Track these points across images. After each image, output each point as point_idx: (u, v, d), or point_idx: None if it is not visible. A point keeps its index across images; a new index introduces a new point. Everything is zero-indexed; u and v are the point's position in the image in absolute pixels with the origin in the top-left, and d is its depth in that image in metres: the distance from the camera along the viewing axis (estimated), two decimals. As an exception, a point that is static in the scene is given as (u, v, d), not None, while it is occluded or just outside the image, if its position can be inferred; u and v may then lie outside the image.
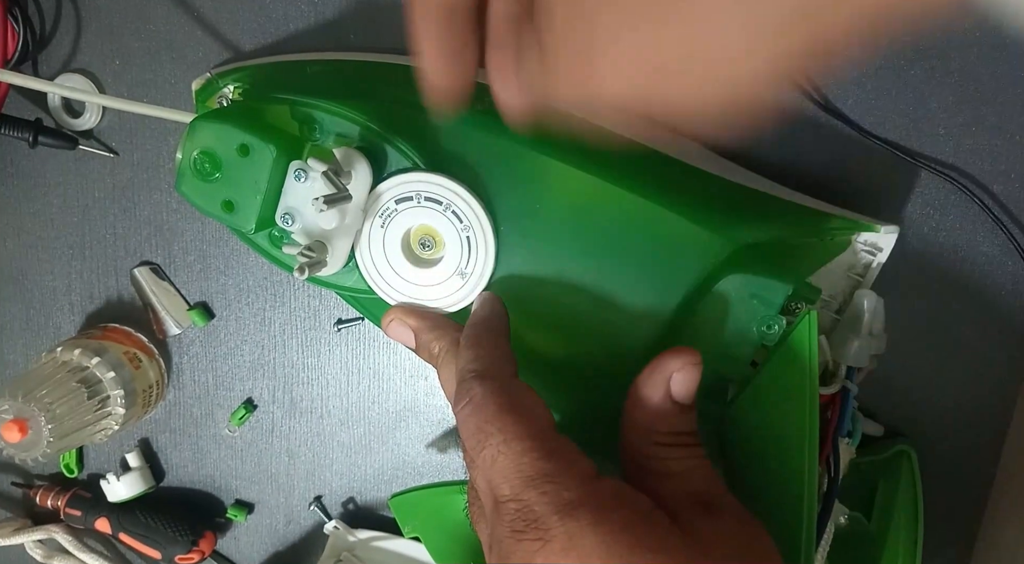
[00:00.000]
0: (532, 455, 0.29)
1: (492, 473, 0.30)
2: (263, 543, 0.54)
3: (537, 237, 0.37)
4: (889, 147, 0.43)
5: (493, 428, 0.30)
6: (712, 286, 0.35)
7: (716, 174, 0.39)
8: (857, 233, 0.39)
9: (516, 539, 0.28)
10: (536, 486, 0.29)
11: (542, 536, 0.28)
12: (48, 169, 0.50)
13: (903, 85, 0.42)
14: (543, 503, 0.28)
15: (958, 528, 0.47)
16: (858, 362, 0.37)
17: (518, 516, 0.28)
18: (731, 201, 0.39)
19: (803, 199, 0.40)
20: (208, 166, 0.37)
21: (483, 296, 0.38)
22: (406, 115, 0.38)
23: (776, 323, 0.34)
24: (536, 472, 0.29)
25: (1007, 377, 0.45)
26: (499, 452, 0.29)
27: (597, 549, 0.27)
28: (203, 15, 0.47)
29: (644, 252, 0.36)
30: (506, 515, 0.29)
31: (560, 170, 0.36)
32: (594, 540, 0.27)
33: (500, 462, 0.29)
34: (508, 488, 0.29)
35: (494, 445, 0.30)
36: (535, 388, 0.33)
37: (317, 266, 0.37)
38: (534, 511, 0.28)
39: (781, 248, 0.37)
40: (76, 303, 0.52)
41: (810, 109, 0.43)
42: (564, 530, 0.28)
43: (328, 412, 0.52)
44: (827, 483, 0.35)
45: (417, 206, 0.37)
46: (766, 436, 0.34)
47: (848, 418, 0.37)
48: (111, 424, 0.50)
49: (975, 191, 0.43)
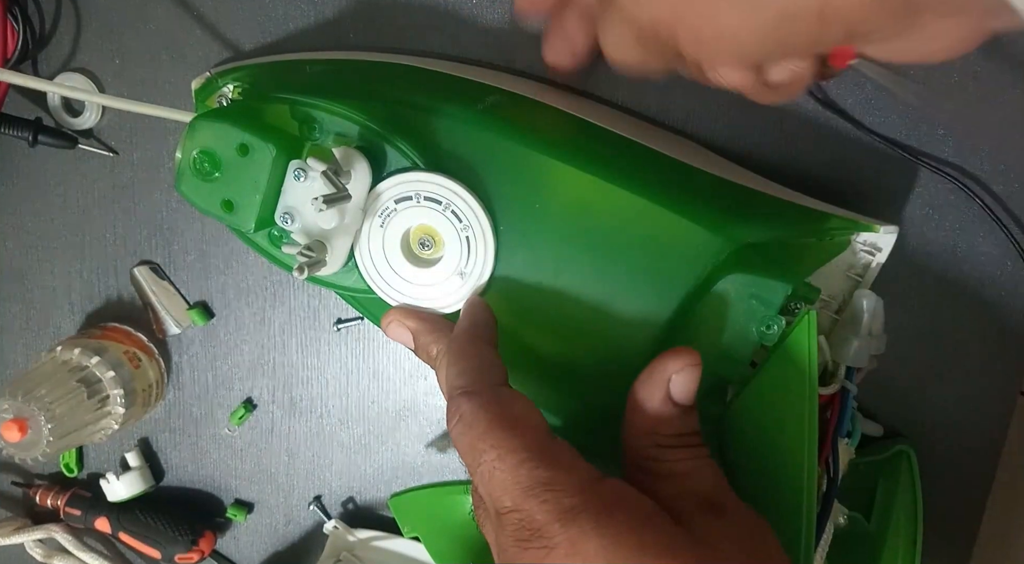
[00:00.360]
0: (528, 466, 0.29)
1: (491, 487, 0.30)
2: (263, 543, 0.55)
3: (537, 237, 0.37)
4: (890, 144, 0.42)
5: (486, 445, 0.30)
6: (711, 286, 0.35)
7: (715, 174, 0.39)
8: (856, 233, 0.39)
9: (521, 548, 0.28)
10: (536, 495, 0.29)
11: (546, 544, 0.28)
12: (48, 168, 0.50)
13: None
14: (544, 511, 0.28)
15: (957, 528, 0.47)
16: (857, 362, 0.37)
17: (521, 526, 0.29)
18: (730, 201, 0.39)
19: (802, 199, 0.40)
20: (208, 165, 0.37)
21: (467, 303, 0.38)
22: (405, 115, 0.38)
23: (775, 323, 0.34)
24: (534, 481, 0.29)
25: (1006, 377, 0.45)
26: (495, 467, 0.29)
27: (601, 553, 0.27)
28: (203, 15, 0.47)
29: (643, 252, 0.36)
30: (509, 525, 0.29)
31: (560, 170, 0.36)
32: (598, 544, 0.27)
33: (497, 476, 0.29)
34: (509, 500, 0.29)
35: (489, 461, 0.30)
36: (534, 389, 0.33)
37: (316, 266, 0.37)
38: (536, 520, 0.28)
39: (780, 248, 0.37)
40: (76, 302, 0.52)
41: (810, 108, 0.43)
42: (567, 537, 0.28)
43: (328, 412, 0.52)
44: (826, 483, 0.35)
45: (416, 206, 0.37)
46: (765, 436, 0.34)
47: (847, 418, 0.37)
48: (111, 423, 0.50)
49: (975, 190, 0.43)
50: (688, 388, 0.32)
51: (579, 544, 0.27)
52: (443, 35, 0.45)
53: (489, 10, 0.44)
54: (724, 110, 0.44)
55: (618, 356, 0.37)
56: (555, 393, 0.39)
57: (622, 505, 0.29)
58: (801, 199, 0.40)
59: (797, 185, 0.42)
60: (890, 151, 0.43)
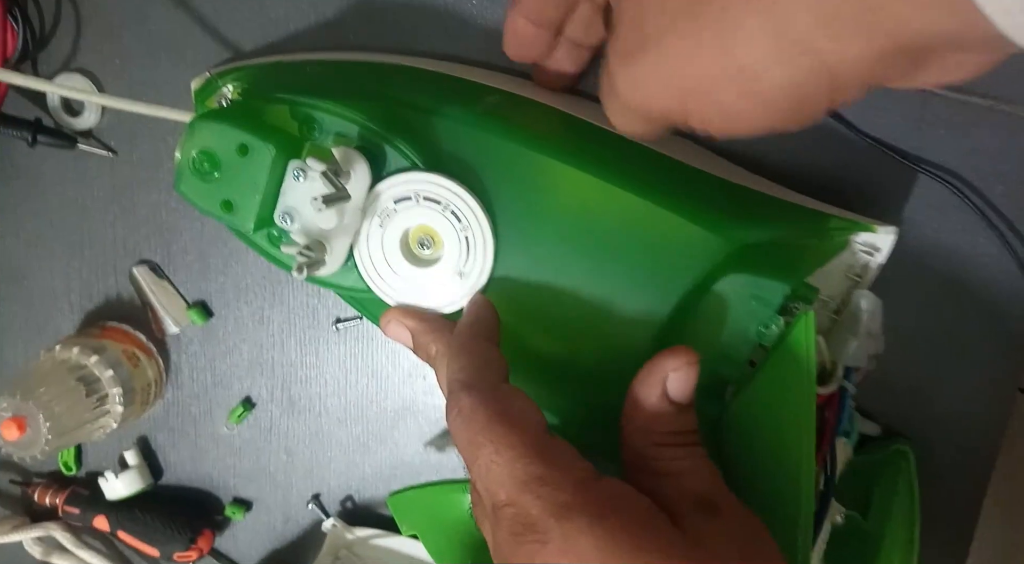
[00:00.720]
0: (524, 461, 0.29)
1: (488, 481, 0.30)
2: (261, 541, 0.55)
3: (536, 237, 0.37)
4: (887, 150, 0.43)
5: (484, 439, 0.30)
6: (710, 286, 0.35)
7: (714, 174, 0.39)
8: (855, 233, 0.39)
9: (516, 542, 0.29)
10: (531, 490, 0.29)
11: (540, 538, 0.28)
12: (47, 168, 0.50)
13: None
14: (538, 506, 0.28)
15: (955, 527, 0.47)
16: (856, 362, 0.37)
17: (516, 520, 0.29)
18: (729, 201, 0.39)
19: (801, 199, 0.40)
20: (207, 166, 0.37)
21: (471, 300, 0.38)
22: (405, 115, 0.38)
23: (774, 323, 0.34)
24: (529, 476, 0.29)
25: (1005, 377, 0.45)
26: (492, 462, 0.30)
27: (594, 551, 0.27)
28: (203, 15, 0.47)
29: (642, 252, 0.36)
30: (504, 520, 0.29)
31: (559, 170, 0.36)
32: (591, 542, 0.27)
33: (494, 471, 0.30)
34: (504, 494, 0.29)
35: (486, 455, 0.30)
36: (534, 388, 0.33)
37: (316, 265, 0.37)
38: (531, 514, 0.28)
39: (779, 248, 0.37)
40: (75, 302, 0.52)
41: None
42: (561, 532, 0.28)
43: (326, 410, 0.52)
44: (824, 482, 0.35)
45: (416, 206, 0.37)
46: (763, 436, 0.34)
47: (846, 418, 0.37)
48: (109, 422, 0.50)
49: (976, 191, 0.43)
50: (685, 387, 0.32)
51: (573, 541, 0.28)
52: (443, 35, 0.45)
53: (489, 10, 0.44)
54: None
55: (617, 356, 0.37)
56: (554, 392, 0.39)
57: (618, 504, 0.29)
58: (800, 199, 0.40)
59: (796, 185, 0.42)
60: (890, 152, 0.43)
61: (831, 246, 0.39)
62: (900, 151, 0.43)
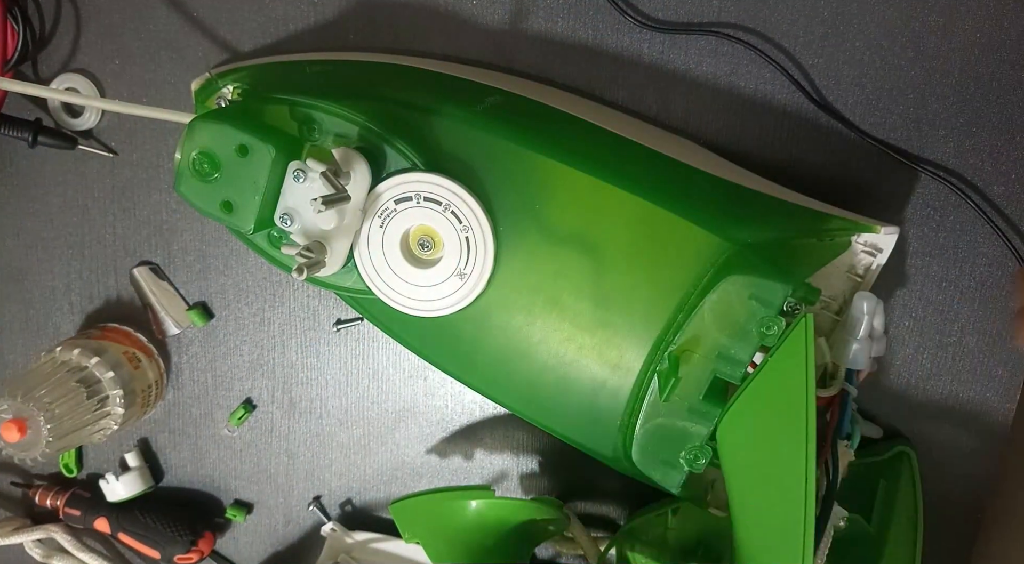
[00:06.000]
0: None
1: None
2: (262, 543, 0.54)
3: (537, 238, 0.37)
4: (887, 150, 0.42)
5: None
6: (712, 287, 0.35)
7: (715, 174, 0.39)
8: (857, 234, 0.39)
9: None
10: None
11: None
12: (48, 169, 0.50)
13: (903, 85, 0.42)
14: None
15: (958, 529, 0.47)
16: (857, 364, 0.37)
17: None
18: (731, 202, 0.39)
19: (803, 200, 0.40)
20: (207, 166, 0.37)
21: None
22: (405, 115, 0.38)
23: (775, 324, 0.34)
24: None
25: (1007, 379, 0.45)
26: None
27: None
28: (203, 15, 0.47)
29: (644, 252, 0.36)
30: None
31: (560, 171, 0.36)
32: None
33: None
34: None
35: None
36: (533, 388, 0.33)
37: (316, 266, 0.37)
38: None
39: (781, 249, 0.37)
40: (76, 303, 0.52)
41: (810, 109, 0.43)
42: None
43: (327, 412, 0.52)
44: (826, 486, 0.35)
45: (416, 206, 0.37)
46: (765, 438, 0.34)
47: (847, 420, 0.36)
48: (110, 424, 0.50)
49: (976, 191, 0.43)
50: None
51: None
52: (443, 36, 0.45)
53: (489, 11, 0.44)
54: (724, 110, 0.44)
55: (618, 356, 0.37)
56: (554, 392, 0.39)
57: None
58: (801, 200, 0.40)
59: (797, 186, 0.41)
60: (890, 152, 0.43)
61: (833, 246, 0.39)
62: (900, 151, 0.43)
